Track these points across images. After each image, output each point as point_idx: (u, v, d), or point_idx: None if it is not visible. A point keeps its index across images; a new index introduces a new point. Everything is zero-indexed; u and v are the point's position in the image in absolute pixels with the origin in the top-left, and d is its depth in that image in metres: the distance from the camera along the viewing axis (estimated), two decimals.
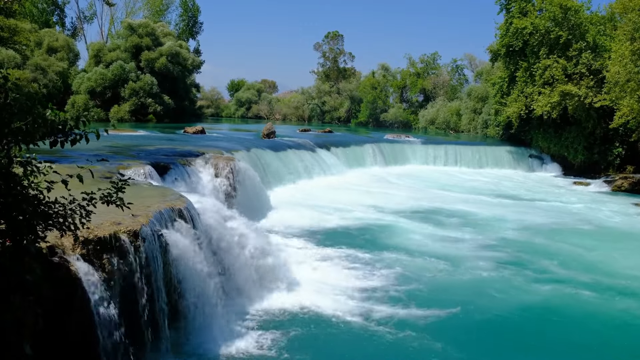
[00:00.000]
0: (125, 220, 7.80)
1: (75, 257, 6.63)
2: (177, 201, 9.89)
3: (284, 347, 8.92)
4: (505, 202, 23.90)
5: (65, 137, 5.08)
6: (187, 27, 73.83)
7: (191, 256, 8.97)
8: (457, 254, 14.96)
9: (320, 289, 11.52)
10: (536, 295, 12.10)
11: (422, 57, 74.91)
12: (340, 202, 21.79)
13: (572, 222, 20.15)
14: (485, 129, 51.32)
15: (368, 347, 9.15)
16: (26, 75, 43.39)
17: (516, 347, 9.73)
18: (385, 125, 69.24)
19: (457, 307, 10.93)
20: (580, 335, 10.26)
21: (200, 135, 31.95)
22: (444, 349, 9.16)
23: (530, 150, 38.20)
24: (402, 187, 27.33)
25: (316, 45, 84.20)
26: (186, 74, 56.88)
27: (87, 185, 5.63)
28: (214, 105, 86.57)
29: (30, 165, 5.02)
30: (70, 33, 67.29)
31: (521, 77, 36.16)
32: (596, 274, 13.64)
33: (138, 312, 7.59)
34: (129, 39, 53.22)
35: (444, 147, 37.81)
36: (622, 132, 31.71)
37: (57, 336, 6.12)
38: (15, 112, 4.82)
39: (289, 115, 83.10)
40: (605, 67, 31.57)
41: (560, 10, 33.53)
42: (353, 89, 77.30)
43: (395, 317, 10.32)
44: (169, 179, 15.42)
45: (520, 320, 10.79)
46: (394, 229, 17.65)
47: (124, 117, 49.12)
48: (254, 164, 21.40)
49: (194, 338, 8.76)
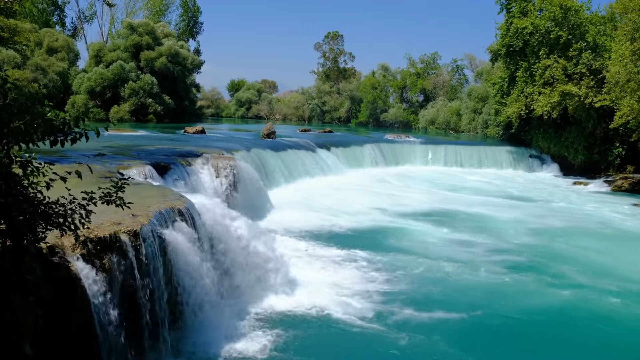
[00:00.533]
0: (125, 220, 7.79)
1: (75, 257, 6.63)
2: (177, 201, 9.88)
3: (285, 348, 8.90)
4: (508, 203, 23.79)
5: (65, 136, 5.07)
6: (188, 27, 73.86)
7: (191, 256, 8.96)
8: (464, 256, 14.77)
9: (322, 289, 11.49)
10: (551, 298, 11.91)
11: (422, 57, 75.02)
12: (340, 201, 21.79)
13: (583, 225, 19.95)
14: (486, 129, 51.31)
15: (372, 349, 9.11)
16: (26, 75, 43.39)
17: (533, 351, 9.57)
18: (386, 126, 69.25)
19: (469, 311, 10.84)
20: (597, 338, 10.14)
21: (201, 135, 31.95)
22: (453, 353, 9.06)
23: (531, 151, 38.18)
24: (403, 187, 27.33)
25: (316, 45, 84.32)
26: (186, 74, 56.87)
27: (87, 185, 5.63)
28: (214, 106, 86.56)
29: (30, 165, 5.01)
30: (71, 33, 67.32)
31: (521, 77, 36.15)
32: (610, 277, 13.50)
33: (138, 312, 7.58)
34: (129, 38, 53.18)
35: (444, 147, 37.80)
36: (622, 132, 31.71)
37: (57, 336, 6.12)
38: (15, 112, 4.82)
39: (289, 116, 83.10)
40: (605, 67, 31.57)
41: (561, 10, 33.52)
42: (353, 89, 77.31)
43: (401, 318, 10.26)
44: (169, 179, 15.40)
45: (537, 323, 10.59)
46: (396, 229, 17.62)
47: (124, 117, 49.08)
48: (254, 164, 21.39)
49: (194, 338, 8.75)
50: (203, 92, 78.55)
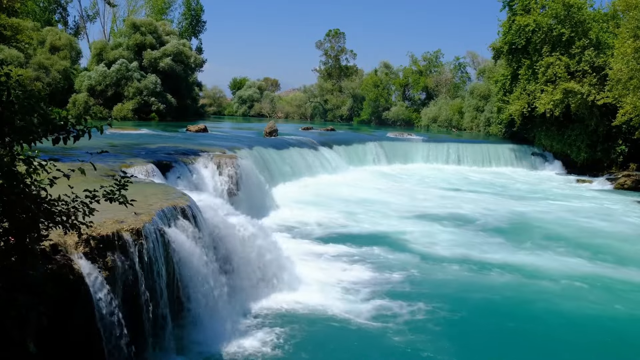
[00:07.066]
0: (128, 219, 7.80)
1: (78, 255, 6.63)
2: (180, 199, 9.89)
3: (288, 346, 8.90)
4: (513, 202, 23.64)
5: (67, 134, 5.07)
6: (190, 26, 73.84)
7: (194, 254, 8.96)
8: (473, 258, 14.49)
9: (325, 288, 11.49)
10: (584, 301, 11.72)
11: (425, 54, 74.98)
12: (343, 199, 21.80)
13: (589, 224, 19.81)
14: (488, 127, 51.22)
15: (375, 348, 9.09)
16: (29, 74, 43.43)
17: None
18: (388, 124, 69.24)
19: (480, 312, 10.82)
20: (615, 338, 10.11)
21: (203, 133, 31.99)
22: (458, 352, 9.02)
23: (533, 148, 38.12)
24: (406, 184, 27.33)
25: (318, 43, 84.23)
26: (189, 73, 56.87)
27: (90, 183, 5.64)
28: (216, 104, 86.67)
29: (32, 163, 5.01)
30: (73, 32, 67.38)
31: (524, 74, 36.06)
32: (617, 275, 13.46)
33: (141, 310, 7.59)
34: (132, 37, 53.19)
35: (447, 145, 37.74)
36: (625, 130, 31.60)
37: (60, 334, 6.13)
38: (17, 110, 4.82)
39: (291, 114, 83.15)
40: (608, 64, 31.45)
41: (563, 8, 33.42)
42: (355, 87, 77.26)
43: (403, 318, 10.22)
44: (172, 177, 15.42)
45: (571, 327, 10.42)
46: (400, 228, 17.58)
47: (127, 116, 49.14)
48: (257, 162, 21.40)
49: (197, 336, 8.75)
50: (205, 91, 78.61)
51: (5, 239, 5.00)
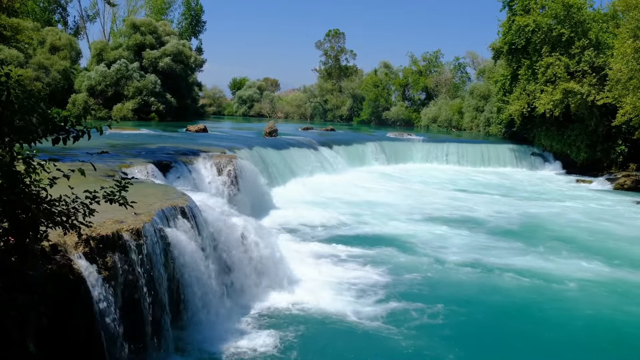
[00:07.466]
0: (127, 219, 7.80)
1: (77, 255, 6.64)
2: (180, 199, 9.89)
3: (286, 345, 8.89)
4: (522, 204, 23.49)
5: (67, 134, 5.08)
6: (190, 26, 73.86)
7: (193, 254, 8.97)
8: (476, 258, 14.38)
9: (325, 288, 11.45)
10: (595, 305, 11.59)
11: (425, 55, 75.07)
12: (343, 199, 21.80)
13: (589, 224, 19.72)
14: (488, 127, 51.23)
15: (374, 348, 9.06)
16: (29, 74, 43.43)
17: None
18: (388, 124, 69.28)
19: (479, 311, 10.73)
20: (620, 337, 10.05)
21: (203, 133, 32.00)
22: (457, 353, 8.96)
23: (533, 149, 38.14)
24: (406, 184, 27.33)
25: (317, 43, 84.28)
26: (188, 73, 56.91)
27: (90, 183, 5.64)
28: (216, 104, 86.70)
29: (32, 163, 5.02)
30: (73, 32, 67.38)
31: (524, 75, 36.08)
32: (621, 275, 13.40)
33: (141, 310, 7.59)
34: (132, 37, 53.23)
35: (446, 145, 37.77)
36: (625, 130, 31.61)
37: (60, 334, 6.13)
38: (17, 110, 4.82)
39: (291, 114, 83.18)
40: (607, 64, 31.47)
41: (563, 8, 33.43)
42: (355, 87, 77.30)
43: (404, 317, 10.17)
44: (172, 177, 15.42)
45: (586, 331, 10.29)
46: (401, 228, 17.55)
47: (127, 116, 49.16)
48: (256, 162, 21.39)
49: (196, 336, 8.76)
50: (205, 91, 78.67)
51: (5, 239, 5.01)
